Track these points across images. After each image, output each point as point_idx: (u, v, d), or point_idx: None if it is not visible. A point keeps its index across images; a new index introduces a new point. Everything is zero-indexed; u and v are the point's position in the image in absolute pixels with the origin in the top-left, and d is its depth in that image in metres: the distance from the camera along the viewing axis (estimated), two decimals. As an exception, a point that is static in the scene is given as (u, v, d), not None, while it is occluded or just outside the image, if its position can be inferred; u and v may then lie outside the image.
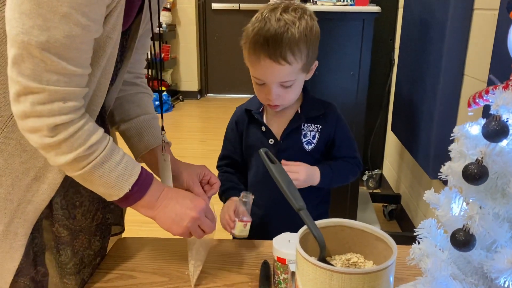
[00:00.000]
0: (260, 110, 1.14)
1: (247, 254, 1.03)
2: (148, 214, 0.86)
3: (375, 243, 0.64)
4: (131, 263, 1.00)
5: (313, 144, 1.11)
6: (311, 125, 1.11)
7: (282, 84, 1.00)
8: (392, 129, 2.38)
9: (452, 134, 0.75)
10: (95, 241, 0.96)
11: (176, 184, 1.00)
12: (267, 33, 0.95)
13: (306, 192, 1.07)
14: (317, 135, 1.11)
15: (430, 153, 1.69)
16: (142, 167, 0.83)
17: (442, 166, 0.74)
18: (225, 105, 5.51)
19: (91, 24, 0.67)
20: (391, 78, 2.59)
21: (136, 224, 1.40)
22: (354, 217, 2.01)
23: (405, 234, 2.14)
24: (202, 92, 5.89)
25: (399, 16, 2.50)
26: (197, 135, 4.42)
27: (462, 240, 0.66)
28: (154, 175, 0.88)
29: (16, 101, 0.69)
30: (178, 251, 1.04)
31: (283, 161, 1.05)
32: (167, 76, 5.60)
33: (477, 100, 0.71)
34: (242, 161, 1.21)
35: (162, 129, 1.00)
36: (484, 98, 0.69)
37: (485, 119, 0.72)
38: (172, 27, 5.43)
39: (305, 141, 1.11)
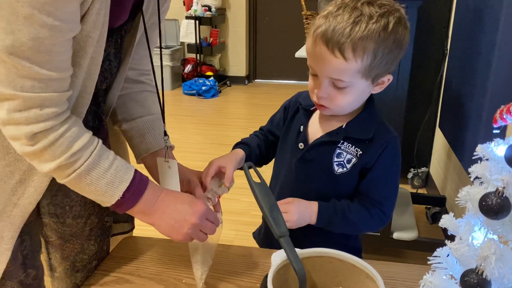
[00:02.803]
0: (312, 108, 1.00)
1: (252, 264, 0.97)
2: (145, 221, 0.83)
3: (366, 282, 0.56)
4: (131, 265, 0.97)
5: (345, 169, 0.93)
6: (351, 146, 0.93)
7: (334, 83, 0.86)
8: (440, 126, 2.20)
9: (474, 154, 0.64)
10: (89, 246, 0.93)
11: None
12: (334, 20, 0.82)
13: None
14: (353, 160, 0.93)
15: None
16: (136, 172, 0.79)
17: (460, 190, 0.63)
18: (272, 92, 5.43)
19: (60, 24, 0.62)
20: (443, 70, 2.39)
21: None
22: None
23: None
24: (250, 77, 5.84)
25: (454, 2, 2.29)
26: (240, 122, 4.39)
27: (474, 284, 0.56)
28: (151, 179, 0.83)
29: None
30: (181, 255, 1.00)
31: None
32: (215, 61, 5.60)
33: (504, 116, 0.59)
34: (272, 141, 1.10)
35: (165, 134, 0.95)
36: (514, 114, 0.57)
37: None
38: (221, 11, 5.39)
39: (336, 162, 0.93)
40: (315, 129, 0.98)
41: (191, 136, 3.81)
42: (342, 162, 0.93)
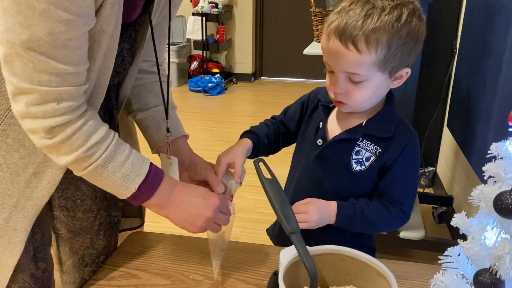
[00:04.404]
0: (331, 105, 0.98)
1: (259, 261, 0.97)
2: (160, 213, 0.83)
3: (378, 279, 0.55)
4: (138, 260, 0.97)
5: (363, 166, 0.92)
6: (370, 144, 0.92)
7: (350, 77, 0.85)
8: (448, 125, 2.18)
9: (488, 152, 0.63)
10: (98, 240, 0.93)
11: (192, 174, 0.96)
12: (347, 14, 0.82)
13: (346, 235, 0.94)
14: (372, 158, 0.92)
15: (485, 156, 1.51)
16: (151, 165, 0.79)
17: (474, 189, 0.63)
18: (279, 89, 5.42)
19: (76, 18, 0.62)
20: (452, 69, 2.37)
21: (156, 217, 1.39)
22: (396, 219, 1.87)
23: (455, 243, 1.96)
24: (256, 74, 5.83)
25: (464, 0, 2.27)
26: (247, 120, 4.38)
27: (487, 283, 0.55)
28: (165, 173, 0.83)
29: (13, 100, 0.67)
30: (188, 251, 1.00)
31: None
32: (221, 58, 5.59)
33: (521, 114, 0.58)
34: (284, 132, 1.08)
35: (168, 131, 0.95)
36: (530, 112, 0.56)
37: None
38: (228, 8, 5.38)
39: (354, 159, 0.93)
40: (334, 126, 0.97)
41: (197, 133, 3.81)
42: (360, 160, 0.93)
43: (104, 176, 0.74)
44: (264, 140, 1.03)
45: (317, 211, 0.90)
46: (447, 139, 2.50)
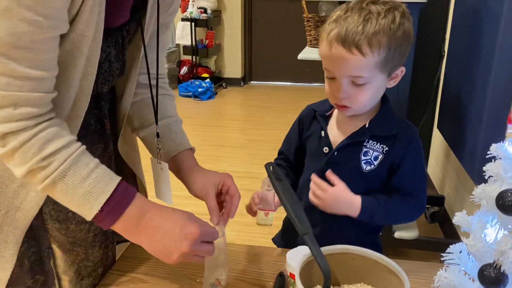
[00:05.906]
0: (328, 113, 1.02)
1: (264, 263, 0.99)
2: (132, 241, 0.76)
3: (389, 277, 0.57)
4: (145, 265, 0.98)
5: (372, 166, 0.96)
6: (376, 144, 0.96)
7: (353, 81, 0.88)
8: (438, 127, 2.23)
9: (488, 153, 0.66)
10: (93, 252, 0.91)
11: (191, 193, 0.93)
12: (345, 22, 0.86)
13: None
14: (380, 156, 0.95)
15: (476, 156, 1.55)
16: (121, 184, 0.71)
17: (475, 188, 0.66)
18: (268, 93, 5.45)
19: (41, 19, 0.58)
20: (440, 71, 2.42)
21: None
22: (390, 220, 1.91)
23: (449, 242, 2.00)
24: (245, 79, 5.85)
25: (451, 4, 2.32)
26: (237, 124, 4.40)
27: (492, 278, 0.58)
28: (139, 194, 0.75)
29: None
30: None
31: (313, 176, 0.95)
32: (211, 63, 5.61)
33: (519, 116, 0.61)
34: (295, 160, 1.10)
35: (157, 136, 0.91)
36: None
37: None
38: (217, 13, 5.40)
39: (363, 160, 0.96)
40: (336, 132, 1.01)
41: (189, 138, 3.78)
42: (369, 160, 0.96)
43: (63, 192, 0.67)
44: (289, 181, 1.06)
45: (333, 196, 0.92)
46: (437, 140, 2.55)
